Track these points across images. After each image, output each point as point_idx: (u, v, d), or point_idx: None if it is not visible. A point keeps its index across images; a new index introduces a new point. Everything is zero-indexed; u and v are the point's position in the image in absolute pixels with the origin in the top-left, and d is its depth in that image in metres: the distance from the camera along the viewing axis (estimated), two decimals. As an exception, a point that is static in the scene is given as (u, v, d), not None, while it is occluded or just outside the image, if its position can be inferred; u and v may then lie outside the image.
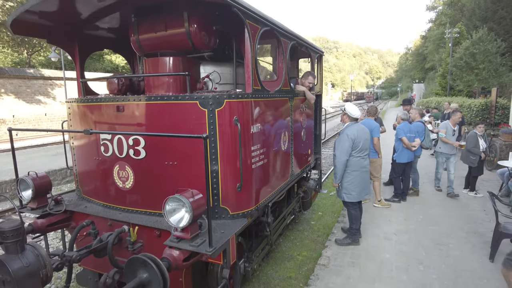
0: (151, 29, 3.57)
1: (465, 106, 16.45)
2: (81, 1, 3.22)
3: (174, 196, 2.50)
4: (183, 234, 2.56)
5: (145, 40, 3.64)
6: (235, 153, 3.02)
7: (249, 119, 3.14)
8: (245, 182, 3.12)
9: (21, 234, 2.11)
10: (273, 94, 3.73)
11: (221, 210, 3.11)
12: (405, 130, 6.99)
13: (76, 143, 3.83)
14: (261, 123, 3.41)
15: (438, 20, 48.94)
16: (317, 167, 6.37)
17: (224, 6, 2.84)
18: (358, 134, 4.87)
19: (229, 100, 2.97)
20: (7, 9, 20.25)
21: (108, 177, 3.42)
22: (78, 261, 2.87)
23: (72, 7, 3.34)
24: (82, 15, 3.60)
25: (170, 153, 3.08)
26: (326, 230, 5.99)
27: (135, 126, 3.22)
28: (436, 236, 5.52)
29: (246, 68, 3.18)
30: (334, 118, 31.55)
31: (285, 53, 4.06)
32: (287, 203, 5.27)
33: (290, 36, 4.26)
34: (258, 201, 3.41)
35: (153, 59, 3.66)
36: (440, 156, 7.77)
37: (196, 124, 2.98)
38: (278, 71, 4.18)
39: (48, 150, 14.16)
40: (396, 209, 6.85)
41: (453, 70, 25.53)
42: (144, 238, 3.16)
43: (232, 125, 2.98)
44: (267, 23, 3.48)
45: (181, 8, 3.32)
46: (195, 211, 2.47)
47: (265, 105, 3.51)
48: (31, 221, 3.38)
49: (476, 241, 5.31)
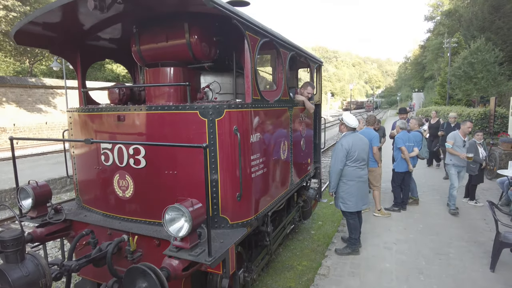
0: (152, 40, 3.63)
1: (464, 115, 16.53)
2: (83, 13, 3.28)
3: (173, 205, 2.51)
4: (183, 243, 2.57)
5: (146, 50, 3.70)
6: (234, 163, 3.04)
7: (248, 128, 3.17)
8: (244, 192, 3.13)
9: (22, 244, 2.12)
10: (273, 104, 3.76)
11: (221, 219, 3.12)
12: (404, 139, 7.01)
13: (77, 152, 3.85)
14: (261, 132, 3.44)
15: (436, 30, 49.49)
16: (317, 176, 6.38)
17: (224, 18, 2.90)
18: (353, 144, 4.90)
19: (229, 110, 3.00)
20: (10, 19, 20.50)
21: (108, 186, 3.43)
22: (77, 270, 2.86)
23: (74, 18, 3.40)
24: (85, 26, 3.66)
25: (170, 163, 3.10)
26: (326, 240, 5.97)
27: (135, 136, 3.24)
28: (436, 245, 5.50)
29: (245, 78, 3.22)
30: (333, 127, 31.61)
31: (284, 64, 4.11)
32: (287, 212, 5.27)
33: (289, 47, 4.32)
34: (257, 210, 3.42)
35: (154, 69, 3.71)
36: (451, 169, 7.17)
37: (196, 133, 3.01)
38: (277, 81, 4.23)
39: (48, 159, 14.18)
40: (396, 218, 6.83)
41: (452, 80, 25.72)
42: (144, 247, 3.16)
43: (232, 134, 3.01)
44: (267, 35, 3.54)
45: (182, 19, 3.38)
46: (194, 220, 2.48)
47: (264, 114, 3.54)
48: (30, 230, 3.38)
49: (476, 250, 5.29)
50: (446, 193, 7.66)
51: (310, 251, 5.55)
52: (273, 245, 4.53)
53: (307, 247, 5.71)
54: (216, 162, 3.03)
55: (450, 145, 7.09)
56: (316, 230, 6.46)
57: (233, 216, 3.14)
